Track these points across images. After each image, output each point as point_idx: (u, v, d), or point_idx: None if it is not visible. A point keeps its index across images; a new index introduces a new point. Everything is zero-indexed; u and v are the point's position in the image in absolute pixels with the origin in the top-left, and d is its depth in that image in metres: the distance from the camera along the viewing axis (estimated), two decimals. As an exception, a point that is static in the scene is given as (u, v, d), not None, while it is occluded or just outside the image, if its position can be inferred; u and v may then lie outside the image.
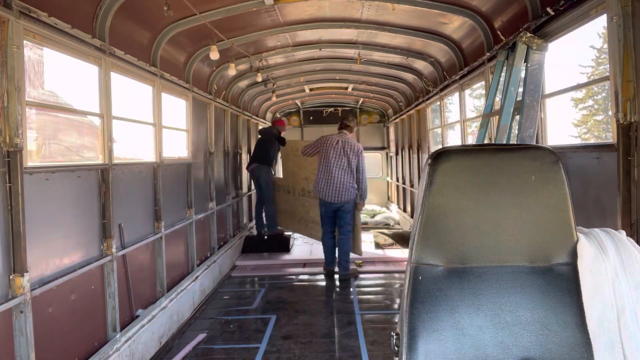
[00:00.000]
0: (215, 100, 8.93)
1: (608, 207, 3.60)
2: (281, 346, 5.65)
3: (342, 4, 6.74)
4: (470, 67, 6.91)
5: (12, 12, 3.38)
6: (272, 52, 8.77)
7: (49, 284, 3.85)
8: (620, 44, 3.29)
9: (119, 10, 4.86)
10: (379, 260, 9.50)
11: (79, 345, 4.36)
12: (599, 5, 3.67)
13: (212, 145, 8.68)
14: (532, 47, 4.59)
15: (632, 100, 3.23)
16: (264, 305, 7.23)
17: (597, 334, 1.61)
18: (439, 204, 1.67)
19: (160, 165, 6.19)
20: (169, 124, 6.72)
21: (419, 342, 1.60)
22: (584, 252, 1.67)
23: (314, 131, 16.07)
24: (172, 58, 6.80)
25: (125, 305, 5.29)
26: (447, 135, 9.32)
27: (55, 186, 4.05)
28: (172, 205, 6.74)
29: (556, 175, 1.66)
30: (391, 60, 9.73)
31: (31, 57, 4.42)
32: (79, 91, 5.31)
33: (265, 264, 9.61)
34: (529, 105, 4.55)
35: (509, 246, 1.67)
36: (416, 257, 1.68)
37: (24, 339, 3.47)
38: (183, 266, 7.24)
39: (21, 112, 3.43)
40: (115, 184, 4.95)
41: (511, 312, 1.63)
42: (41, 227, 3.82)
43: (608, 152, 3.57)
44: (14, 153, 3.37)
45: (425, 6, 6.19)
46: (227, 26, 6.82)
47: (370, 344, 5.56)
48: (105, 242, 4.79)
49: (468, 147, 1.75)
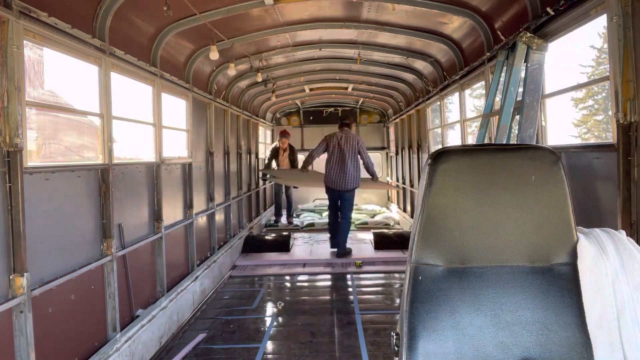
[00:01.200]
0: (215, 100, 8.93)
1: (608, 207, 3.60)
2: (281, 346, 5.66)
3: (342, 4, 6.74)
4: (470, 67, 6.91)
5: (12, 12, 3.38)
6: (272, 52, 8.77)
7: (49, 284, 3.85)
8: (620, 44, 3.29)
9: (119, 10, 4.86)
10: (379, 260, 9.50)
11: (79, 345, 4.36)
12: (599, 5, 3.67)
13: (212, 145, 8.68)
14: (532, 47, 4.59)
15: (632, 100, 3.23)
16: (264, 305, 7.23)
17: (597, 334, 1.61)
18: (439, 204, 1.67)
19: (160, 165, 6.19)
20: (169, 124, 6.72)
21: (419, 342, 1.60)
22: (584, 252, 1.67)
23: (314, 131, 16.08)
24: (172, 58, 6.80)
25: (125, 305, 5.29)
26: (447, 135, 9.32)
27: (55, 186, 4.05)
28: (172, 205, 6.74)
29: (556, 175, 1.66)
30: (391, 60, 9.73)
31: (31, 57, 4.42)
32: (79, 91, 5.31)
33: (265, 264, 9.61)
34: (529, 105, 4.55)
35: (509, 246, 1.67)
36: (416, 257, 1.68)
37: (24, 339, 3.47)
38: (183, 266, 7.24)
39: (21, 112, 3.43)
40: (115, 184, 4.95)
41: (511, 312, 1.63)
42: (41, 227, 3.82)
43: (608, 152, 3.57)
44: (14, 153, 3.37)
45: (425, 6, 6.18)
46: (227, 26, 6.82)
47: (370, 344, 5.56)
48: (105, 242, 4.79)
49: (468, 147, 1.75)
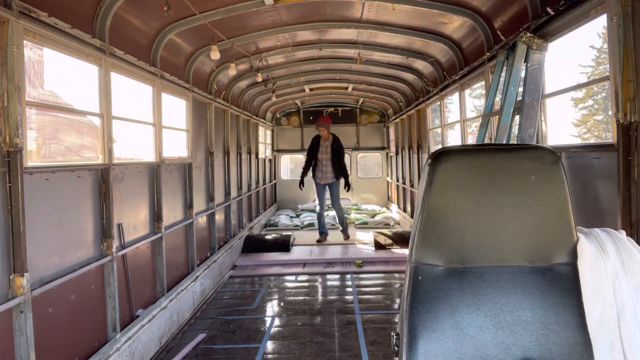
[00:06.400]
0: (215, 100, 8.93)
1: (608, 207, 3.60)
2: (281, 346, 5.66)
3: (342, 4, 6.74)
4: (470, 67, 6.91)
5: (12, 12, 3.38)
6: (272, 52, 8.76)
7: (49, 284, 3.85)
8: (620, 44, 3.29)
9: (119, 10, 4.86)
10: (379, 260, 9.49)
11: (79, 345, 4.36)
12: (599, 5, 3.67)
13: (212, 145, 8.69)
14: (532, 47, 4.59)
15: (632, 100, 3.23)
16: (264, 305, 7.23)
17: (597, 334, 1.61)
18: (439, 204, 1.67)
19: (160, 165, 6.19)
20: (169, 124, 6.72)
21: (419, 342, 1.60)
22: (584, 252, 1.66)
23: (313, 131, 16.04)
24: (172, 58, 6.80)
25: (125, 305, 5.29)
26: (447, 135, 9.32)
27: (55, 186, 4.05)
28: (172, 205, 6.74)
29: (556, 175, 1.66)
30: (391, 60, 9.73)
31: (31, 57, 4.41)
32: (79, 91, 5.31)
33: (265, 264, 9.61)
34: (529, 105, 4.55)
35: (509, 246, 1.67)
36: (416, 257, 1.68)
37: (24, 339, 3.47)
38: (183, 266, 7.24)
39: (21, 112, 3.43)
40: (115, 184, 4.95)
41: (511, 312, 1.63)
42: (41, 227, 3.82)
43: (608, 152, 3.57)
44: (14, 153, 3.37)
45: (425, 6, 6.18)
46: (227, 26, 6.82)
47: (370, 344, 5.56)
48: (105, 242, 4.79)
49: (468, 147, 1.75)
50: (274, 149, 16.64)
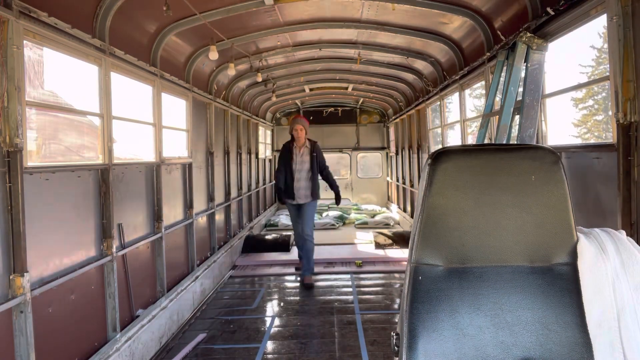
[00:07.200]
0: (215, 100, 8.93)
1: (608, 207, 3.60)
2: (281, 346, 5.65)
3: (342, 4, 6.74)
4: (470, 67, 6.91)
5: (12, 12, 3.38)
6: (272, 52, 8.76)
7: (49, 284, 3.85)
8: (620, 44, 3.29)
9: (119, 10, 4.86)
10: (379, 260, 9.50)
11: (79, 345, 4.36)
12: (599, 5, 3.67)
13: (212, 146, 8.69)
14: (532, 47, 4.59)
15: (632, 100, 3.23)
16: (264, 305, 7.23)
17: (597, 334, 1.61)
18: (439, 204, 1.67)
19: (161, 165, 6.19)
20: (169, 124, 6.72)
21: (419, 342, 1.60)
22: (584, 252, 1.66)
23: (313, 131, 16.04)
24: (172, 58, 6.80)
25: (125, 305, 5.29)
26: (447, 135, 9.32)
27: (55, 186, 4.04)
28: (172, 205, 6.74)
29: (556, 175, 1.66)
30: (391, 60, 9.73)
31: (31, 57, 4.41)
32: (79, 91, 5.31)
33: (265, 264, 9.61)
34: (529, 105, 4.55)
35: (509, 246, 1.67)
36: (416, 257, 1.68)
37: (24, 339, 3.47)
38: (183, 266, 7.24)
39: (21, 112, 3.43)
40: (115, 184, 4.95)
41: (511, 312, 1.63)
42: (41, 227, 3.82)
43: (608, 152, 3.57)
44: (14, 153, 3.37)
45: (425, 6, 6.19)
46: (227, 26, 6.82)
47: (370, 344, 5.56)
48: (105, 242, 4.79)
49: (468, 147, 1.75)
50: (274, 149, 16.64)
